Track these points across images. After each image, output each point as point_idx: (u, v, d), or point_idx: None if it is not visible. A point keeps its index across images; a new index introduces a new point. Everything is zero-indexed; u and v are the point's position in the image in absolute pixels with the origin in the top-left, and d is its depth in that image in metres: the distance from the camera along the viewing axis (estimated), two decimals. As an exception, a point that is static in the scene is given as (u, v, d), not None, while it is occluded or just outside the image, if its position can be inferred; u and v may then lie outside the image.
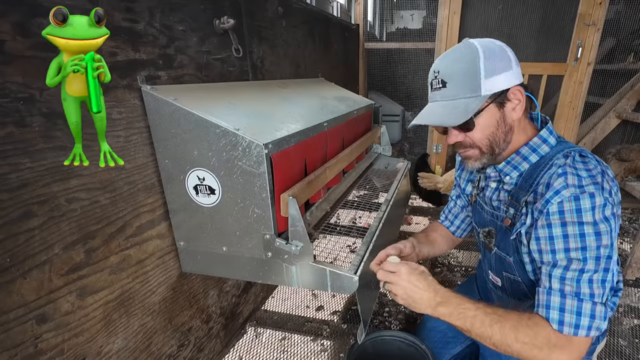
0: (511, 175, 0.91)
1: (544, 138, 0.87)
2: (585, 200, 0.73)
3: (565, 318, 0.74)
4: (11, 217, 0.67)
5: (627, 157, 2.54)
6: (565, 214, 0.75)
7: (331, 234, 1.66)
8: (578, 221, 0.74)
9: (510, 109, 0.84)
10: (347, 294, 1.69)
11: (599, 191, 0.74)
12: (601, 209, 0.73)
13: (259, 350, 1.50)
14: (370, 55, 3.23)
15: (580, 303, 0.74)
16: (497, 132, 0.86)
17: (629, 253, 1.95)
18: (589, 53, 2.58)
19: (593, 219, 0.73)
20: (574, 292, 0.74)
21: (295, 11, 1.76)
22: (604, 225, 0.73)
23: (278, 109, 1.18)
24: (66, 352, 0.81)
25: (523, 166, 0.89)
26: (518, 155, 0.88)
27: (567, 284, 0.75)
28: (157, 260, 1.03)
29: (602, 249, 0.73)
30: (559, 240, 0.76)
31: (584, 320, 0.73)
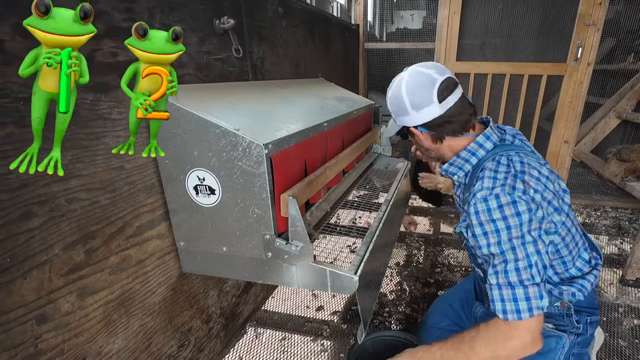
0: (458, 175, 1.02)
1: (480, 143, 0.97)
2: (492, 200, 0.83)
3: (506, 307, 0.82)
4: (11, 217, 0.67)
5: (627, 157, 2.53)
6: (480, 214, 0.85)
7: (331, 234, 1.66)
8: (490, 219, 0.84)
9: (417, 138, 1.04)
10: (347, 294, 1.69)
11: (503, 192, 0.83)
12: (509, 205, 0.82)
13: (259, 350, 1.50)
14: (370, 55, 3.23)
15: (513, 290, 0.81)
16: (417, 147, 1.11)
17: (629, 253, 1.95)
18: (589, 53, 2.58)
19: (502, 215, 0.82)
20: (506, 283, 0.82)
21: (295, 11, 1.76)
22: (513, 220, 0.82)
23: (278, 109, 1.18)
24: (66, 352, 0.81)
25: (466, 167, 1.00)
26: (459, 158, 1.00)
27: (499, 277, 0.83)
28: (157, 261, 1.03)
29: (514, 240, 0.82)
30: (482, 237, 0.86)
31: (522, 304, 0.80)
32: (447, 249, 2.27)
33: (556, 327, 1.01)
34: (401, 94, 0.97)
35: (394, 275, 2.00)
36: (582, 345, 1.02)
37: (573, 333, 1.00)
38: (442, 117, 0.94)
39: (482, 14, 2.75)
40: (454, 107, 0.94)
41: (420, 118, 0.96)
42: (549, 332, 1.00)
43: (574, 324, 0.99)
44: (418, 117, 0.96)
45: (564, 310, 1.00)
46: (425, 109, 0.94)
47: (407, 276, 1.99)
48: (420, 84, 0.94)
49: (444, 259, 2.17)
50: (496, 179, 0.86)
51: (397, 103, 0.99)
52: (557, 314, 1.01)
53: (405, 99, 0.96)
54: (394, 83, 1.01)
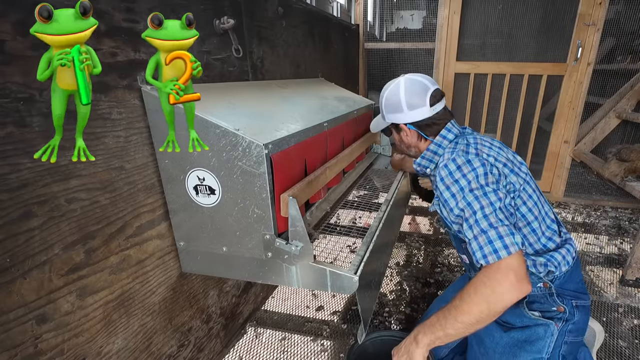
0: (430, 167, 1.16)
1: (443, 135, 1.12)
2: (450, 165, 0.96)
3: (484, 251, 0.87)
4: (11, 217, 0.67)
5: (627, 157, 2.53)
6: (444, 179, 0.96)
7: (331, 234, 1.66)
8: (453, 180, 0.95)
9: (404, 134, 1.18)
10: (347, 294, 1.69)
11: (458, 156, 0.97)
12: (465, 165, 0.95)
13: (259, 350, 1.50)
14: (370, 55, 3.23)
15: (487, 234, 0.87)
16: (400, 144, 1.25)
17: (629, 253, 1.95)
18: (588, 53, 2.58)
19: (461, 173, 0.94)
20: (479, 231, 0.88)
21: (295, 11, 1.76)
22: (470, 175, 0.93)
23: (278, 109, 1.18)
24: (66, 352, 0.81)
25: (435, 159, 1.13)
26: (428, 151, 1.14)
27: (473, 229, 0.89)
28: (157, 261, 1.03)
29: (475, 191, 0.91)
30: (450, 199, 0.95)
31: (497, 243, 0.85)
32: (447, 249, 2.27)
33: (542, 314, 1.03)
34: (399, 94, 1.12)
35: (394, 275, 2.00)
36: (575, 333, 1.03)
37: (561, 319, 1.01)
38: (430, 118, 1.11)
39: (482, 14, 2.75)
40: (440, 113, 1.12)
41: (411, 117, 1.12)
42: (536, 320, 1.02)
43: (558, 304, 1.01)
44: (410, 116, 1.12)
45: (546, 291, 1.02)
46: (418, 109, 1.11)
47: (407, 276, 1.99)
48: (416, 88, 1.11)
49: (444, 259, 2.17)
50: (453, 151, 1.01)
51: (394, 102, 1.14)
52: (539, 295, 1.03)
53: (402, 99, 1.11)
54: (392, 84, 1.15)
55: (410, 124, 1.14)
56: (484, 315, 0.84)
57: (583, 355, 1.08)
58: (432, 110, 1.11)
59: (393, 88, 1.14)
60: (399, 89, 1.12)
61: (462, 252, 1.16)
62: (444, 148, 1.11)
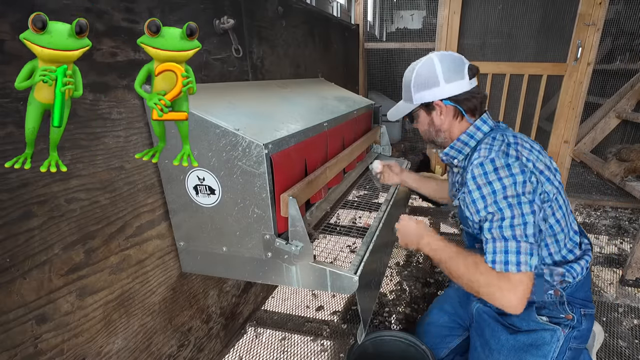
0: (458, 158, 1.08)
1: (477, 126, 1.05)
2: (487, 165, 0.90)
3: (496, 257, 0.86)
4: (11, 217, 0.67)
5: (627, 157, 2.53)
6: (477, 179, 0.91)
7: (331, 234, 1.66)
8: (487, 181, 0.89)
9: (436, 115, 1.07)
10: (347, 294, 1.69)
11: (498, 156, 0.90)
12: (504, 168, 0.88)
13: (259, 350, 1.50)
14: (370, 55, 3.23)
15: (506, 242, 0.85)
16: (428, 129, 1.13)
17: (629, 253, 1.95)
18: (588, 53, 2.58)
19: (497, 176, 0.88)
20: (500, 236, 0.87)
21: (295, 11, 1.76)
22: (508, 180, 0.87)
23: (278, 109, 1.18)
24: (66, 352, 0.81)
25: (465, 150, 1.06)
26: (459, 141, 1.07)
27: (494, 232, 0.88)
28: (157, 261, 1.03)
29: (510, 198, 0.86)
30: (479, 200, 0.91)
31: (511, 257, 0.84)
32: (447, 249, 2.27)
33: (550, 319, 1.02)
34: (434, 67, 1.03)
35: (394, 275, 2.00)
36: (580, 340, 1.03)
37: (567, 326, 1.01)
38: (468, 92, 1.03)
39: (482, 14, 2.75)
40: (476, 87, 1.05)
41: (449, 91, 1.03)
42: (544, 325, 1.01)
43: (567, 312, 1.01)
44: (447, 90, 1.03)
45: (557, 299, 1.01)
46: (457, 82, 1.02)
47: (407, 276, 1.99)
48: (453, 60, 1.03)
49: (444, 259, 2.17)
50: (490, 149, 0.94)
51: (427, 76, 1.04)
52: (550, 302, 1.02)
53: (438, 71, 1.02)
54: (421, 62, 1.07)
55: (447, 99, 1.04)
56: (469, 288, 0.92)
57: (583, 358, 1.08)
58: (470, 84, 1.03)
59: (426, 62, 1.05)
60: (432, 63, 1.03)
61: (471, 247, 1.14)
62: (477, 140, 1.04)
